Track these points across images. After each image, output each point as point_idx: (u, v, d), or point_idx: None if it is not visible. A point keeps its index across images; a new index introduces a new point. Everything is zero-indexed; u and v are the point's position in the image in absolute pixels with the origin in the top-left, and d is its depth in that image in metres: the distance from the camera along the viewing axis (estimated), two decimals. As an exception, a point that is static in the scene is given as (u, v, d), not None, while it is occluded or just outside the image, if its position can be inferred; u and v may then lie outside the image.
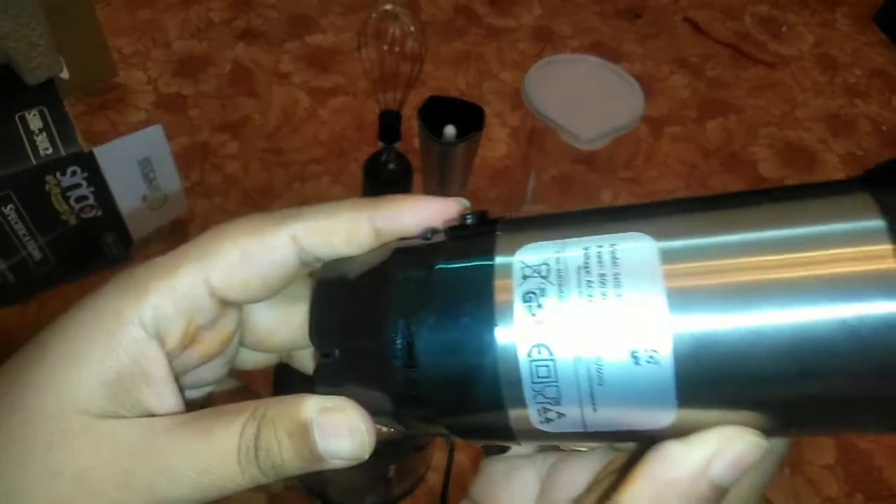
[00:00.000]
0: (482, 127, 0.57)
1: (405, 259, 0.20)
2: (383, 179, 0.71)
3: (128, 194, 0.65)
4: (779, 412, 0.17)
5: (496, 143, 0.85)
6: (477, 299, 0.18)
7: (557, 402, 0.17)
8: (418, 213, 0.21)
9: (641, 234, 0.17)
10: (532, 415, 0.18)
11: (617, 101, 0.61)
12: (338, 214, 0.21)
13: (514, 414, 0.18)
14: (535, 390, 0.17)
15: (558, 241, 0.18)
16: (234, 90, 0.88)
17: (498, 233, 0.19)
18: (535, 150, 0.69)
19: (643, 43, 1.01)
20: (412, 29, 0.62)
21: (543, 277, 0.17)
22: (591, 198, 0.75)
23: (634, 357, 0.16)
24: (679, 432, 0.17)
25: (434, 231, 0.21)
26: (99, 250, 0.67)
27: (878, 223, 0.16)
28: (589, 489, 0.21)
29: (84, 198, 0.63)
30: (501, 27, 1.01)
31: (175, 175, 0.68)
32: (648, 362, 0.16)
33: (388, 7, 0.62)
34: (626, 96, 0.61)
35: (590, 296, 0.17)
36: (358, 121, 0.85)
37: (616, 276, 0.17)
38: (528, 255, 0.18)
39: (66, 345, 0.19)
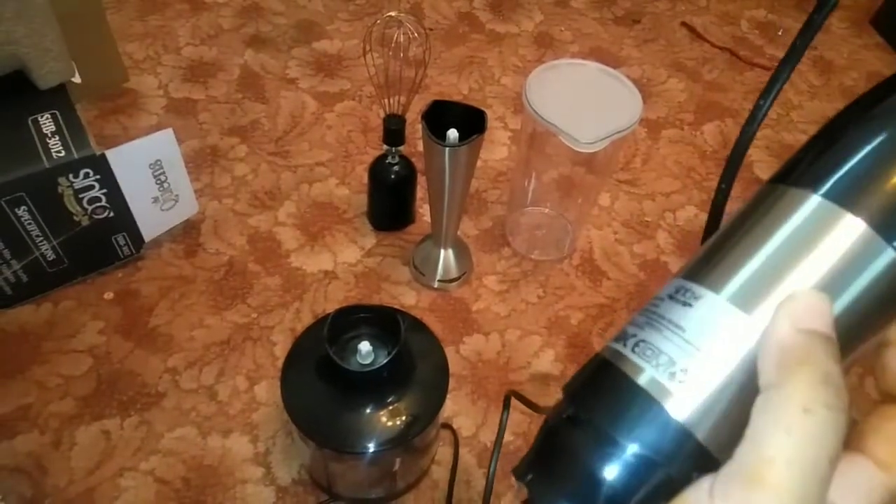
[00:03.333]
0: (484, 130, 0.58)
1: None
2: (388, 182, 0.72)
3: (139, 196, 0.66)
4: None
5: (498, 145, 0.86)
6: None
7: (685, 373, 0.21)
8: None
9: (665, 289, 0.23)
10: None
11: (615, 105, 0.61)
12: None
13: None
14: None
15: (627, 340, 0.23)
16: (243, 95, 0.89)
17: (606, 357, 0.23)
18: (535, 152, 0.70)
19: (641, 48, 1.03)
20: (416, 35, 0.63)
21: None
22: (590, 199, 0.76)
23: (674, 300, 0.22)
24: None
25: None
26: (111, 250, 0.68)
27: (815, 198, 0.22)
28: None
29: (97, 199, 0.64)
30: (503, 33, 1.03)
31: (185, 177, 0.69)
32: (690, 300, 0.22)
33: (393, 14, 0.64)
34: (625, 100, 0.62)
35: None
36: (363, 125, 0.87)
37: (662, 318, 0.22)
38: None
39: None
